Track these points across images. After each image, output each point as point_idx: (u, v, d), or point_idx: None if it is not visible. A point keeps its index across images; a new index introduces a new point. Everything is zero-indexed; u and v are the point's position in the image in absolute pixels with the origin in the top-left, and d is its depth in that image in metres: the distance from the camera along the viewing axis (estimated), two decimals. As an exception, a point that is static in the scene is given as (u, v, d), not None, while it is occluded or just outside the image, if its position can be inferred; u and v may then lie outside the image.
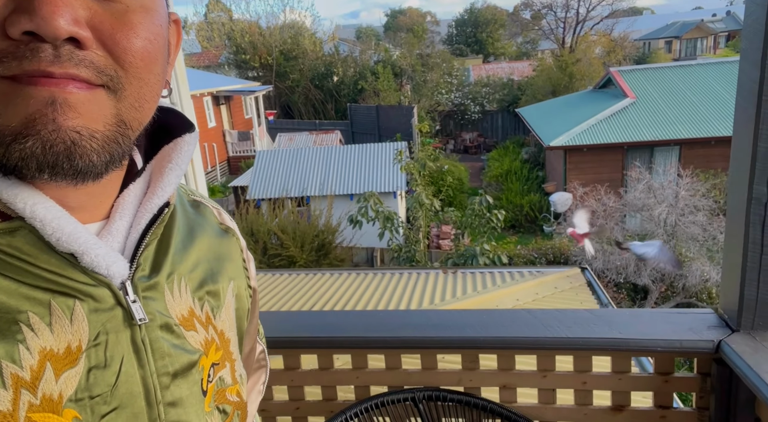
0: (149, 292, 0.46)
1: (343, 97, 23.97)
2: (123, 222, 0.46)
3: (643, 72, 13.77)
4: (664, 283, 6.55)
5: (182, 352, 0.47)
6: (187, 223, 0.54)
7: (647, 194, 6.79)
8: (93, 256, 0.42)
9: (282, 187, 10.20)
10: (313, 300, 3.91)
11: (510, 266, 5.94)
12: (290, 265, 7.61)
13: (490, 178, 15.30)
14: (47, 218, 0.40)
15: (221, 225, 0.60)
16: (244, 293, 0.60)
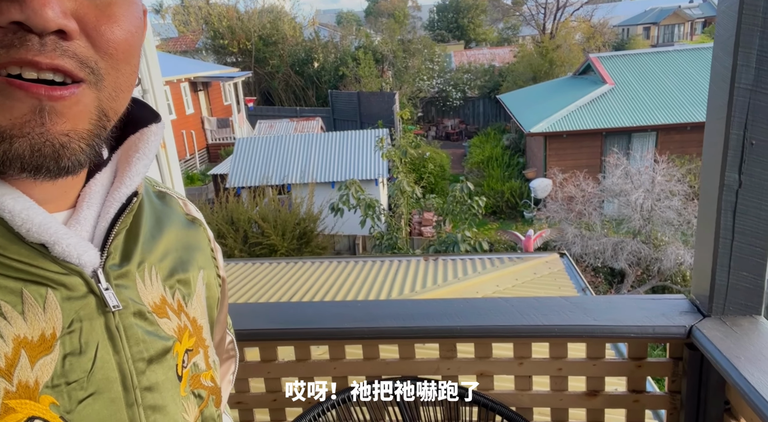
0: (121, 280, 0.47)
1: (324, 84, 23.72)
2: (90, 212, 0.46)
3: (622, 58, 13.89)
4: (640, 267, 6.68)
5: (156, 339, 0.48)
6: (154, 214, 0.54)
7: (624, 180, 6.89)
8: (64, 246, 0.42)
9: (262, 174, 10.09)
10: (293, 289, 3.89)
11: (490, 252, 5.99)
12: (271, 254, 7.56)
13: (471, 165, 15.36)
14: (16, 209, 0.40)
15: (187, 216, 0.61)
16: (213, 282, 0.61)
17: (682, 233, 6.45)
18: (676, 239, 6.41)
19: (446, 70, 24.14)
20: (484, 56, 29.95)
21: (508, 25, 40.46)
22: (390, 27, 27.09)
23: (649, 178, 6.57)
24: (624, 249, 6.40)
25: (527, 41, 30.10)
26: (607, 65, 13.45)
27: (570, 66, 18.63)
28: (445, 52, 27.31)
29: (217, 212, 7.78)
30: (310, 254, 7.96)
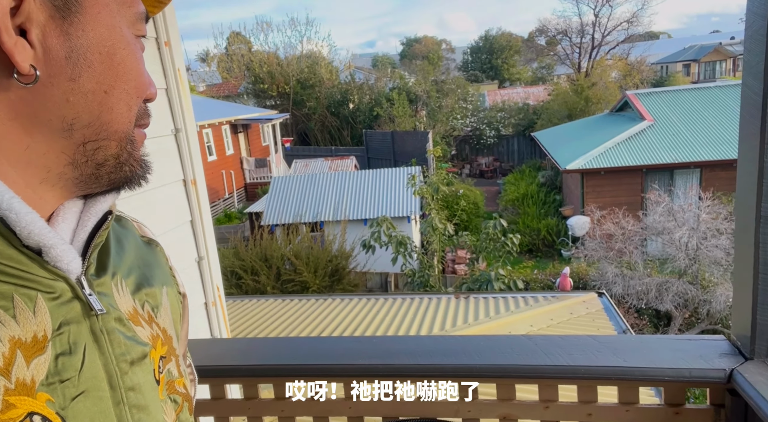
0: (100, 288, 0.50)
1: (358, 124, 24.26)
2: (67, 225, 0.49)
3: (661, 95, 13.65)
4: (688, 309, 6.30)
5: (135, 343, 0.51)
6: (114, 233, 0.58)
7: (667, 217, 6.61)
8: (59, 251, 0.44)
9: (296, 212, 10.24)
10: (322, 326, 3.85)
11: (525, 291, 5.80)
12: (303, 291, 7.57)
13: (506, 202, 15.18)
14: (22, 212, 0.42)
15: (143, 238, 0.64)
16: (175, 299, 0.65)
17: (732, 273, 6.07)
18: (725, 280, 6.04)
19: (480, 108, 24.32)
20: (518, 95, 30.08)
21: (542, 64, 40.67)
22: (424, 68, 27.71)
23: (694, 215, 6.28)
24: (669, 290, 6.06)
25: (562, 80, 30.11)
26: (645, 102, 13.24)
27: (606, 103, 18.44)
28: (478, 92, 27.60)
29: (251, 249, 7.90)
30: (342, 291, 7.93)
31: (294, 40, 29.25)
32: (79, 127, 0.45)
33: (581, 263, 8.73)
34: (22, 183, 0.44)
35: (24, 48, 0.41)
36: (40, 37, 0.42)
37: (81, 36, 0.43)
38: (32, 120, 0.43)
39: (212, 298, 2.42)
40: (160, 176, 2.13)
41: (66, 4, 0.42)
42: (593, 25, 32.19)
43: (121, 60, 0.46)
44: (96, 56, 0.45)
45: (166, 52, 2.19)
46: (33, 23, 0.41)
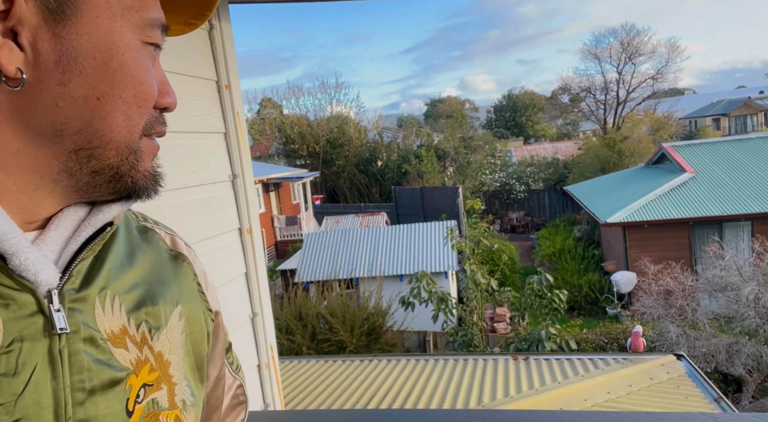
0: (77, 304, 0.46)
1: (387, 181, 24.45)
2: (58, 233, 0.47)
3: (699, 146, 13.34)
4: (762, 373, 5.69)
5: (105, 368, 0.46)
6: (129, 246, 0.55)
7: (729, 272, 6.14)
8: (22, 259, 0.41)
9: (330, 268, 10.04)
10: (368, 393, 3.52)
11: (588, 352, 5.34)
12: (339, 351, 7.21)
13: (542, 257, 14.69)
14: None
15: (171, 252, 0.61)
16: (201, 317, 0.60)
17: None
18: (805, 341, 5.47)
19: (508, 164, 24.30)
20: (546, 150, 30.10)
21: (567, 121, 40.98)
22: (450, 125, 28.15)
23: (762, 269, 5.81)
24: (741, 352, 5.51)
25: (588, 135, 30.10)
26: (684, 154, 12.93)
27: (640, 157, 18.16)
28: (505, 148, 27.73)
29: (285, 307, 7.67)
30: (380, 351, 7.53)
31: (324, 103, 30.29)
32: (69, 133, 0.44)
33: (633, 321, 8.16)
34: (15, 188, 0.43)
35: (11, 51, 0.40)
36: (30, 39, 0.41)
37: (74, 40, 0.42)
38: (21, 124, 0.42)
39: (265, 359, 2.18)
40: (218, 224, 1.98)
41: (60, 8, 0.41)
42: (617, 82, 32.59)
43: (118, 66, 0.44)
44: (89, 61, 0.43)
45: (226, 95, 2.10)
46: (24, 26, 0.40)
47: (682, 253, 10.84)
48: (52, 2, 0.41)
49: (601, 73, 33.39)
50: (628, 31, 32.85)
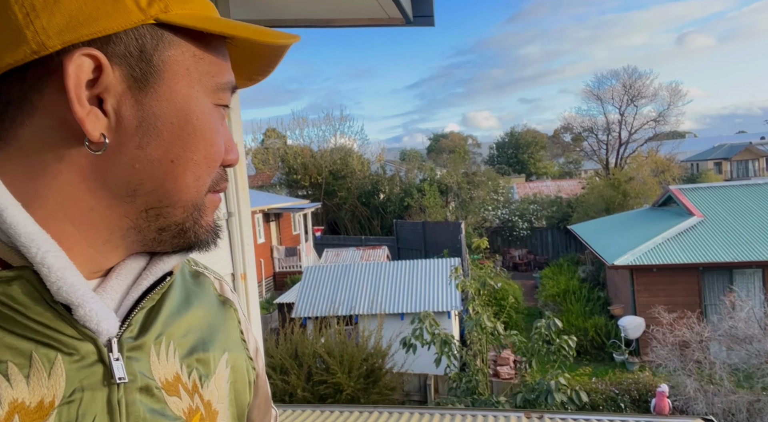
0: (134, 352, 0.46)
1: (389, 214, 24.26)
2: (119, 282, 0.47)
3: (707, 190, 13.20)
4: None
5: (160, 417, 0.47)
6: (184, 291, 0.56)
7: (748, 324, 5.85)
8: (87, 310, 0.42)
9: (329, 304, 9.72)
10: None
11: (607, 413, 5.00)
12: (336, 394, 6.84)
13: (545, 298, 14.33)
14: (55, 266, 0.41)
15: (220, 297, 0.62)
16: (244, 365, 0.60)
17: (841, 394, 5.18)
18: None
19: (511, 200, 24.19)
20: (548, 188, 30.08)
21: (569, 159, 41.22)
22: (453, 160, 28.20)
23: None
24: (763, 411, 5.16)
25: (591, 175, 30.16)
26: (692, 197, 12.77)
27: (645, 198, 18.03)
28: (508, 184, 27.69)
29: (281, 345, 7.32)
30: (378, 395, 7.15)
31: (327, 134, 30.45)
32: (142, 193, 0.45)
33: (643, 370, 7.80)
34: (85, 242, 0.45)
35: (97, 117, 0.42)
36: (115, 106, 0.42)
37: (154, 106, 0.44)
38: (98, 184, 0.44)
39: None
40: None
41: (144, 76, 0.43)
42: (619, 123, 32.90)
43: (192, 130, 0.46)
44: (167, 125, 0.44)
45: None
46: (110, 93, 0.42)
47: (692, 299, 10.53)
48: (137, 71, 0.43)
49: (603, 113, 33.78)
50: (630, 73, 33.41)
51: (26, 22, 0.39)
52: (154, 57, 0.43)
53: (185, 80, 0.45)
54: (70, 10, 0.40)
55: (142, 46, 0.43)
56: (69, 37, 0.40)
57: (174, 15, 0.43)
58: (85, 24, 0.40)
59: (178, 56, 0.44)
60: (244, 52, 0.50)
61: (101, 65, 0.41)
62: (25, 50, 0.39)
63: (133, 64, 0.42)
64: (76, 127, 0.41)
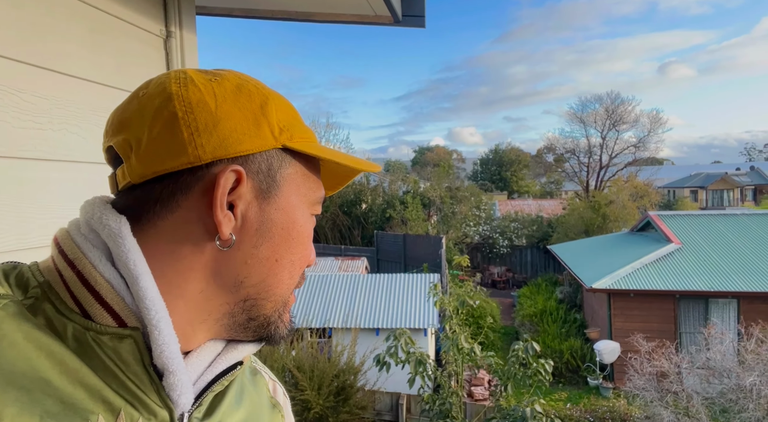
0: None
1: (370, 224, 24.05)
2: (199, 362, 0.51)
3: (686, 218, 13.32)
4: (764, 474, 5.23)
5: None
6: (240, 385, 0.59)
7: (725, 357, 5.77)
8: (177, 378, 0.46)
9: (303, 315, 9.44)
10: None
11: None
12: (304, 411, 6.56)
13: (522, 317, 14.24)
14: (165, 331, 0.46)
15: (272, 400, 0.66)
16: None
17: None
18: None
19: (492, 217, 24.21)
20: (530, 207, 30.27)
21: (551, 179, 41.69)
22: (437, 174, 28.17)
23: (762, 357, 5.45)
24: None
25: (572, 196, 30.48)
26: (670, 224, 12.86)
27: (624, 222, 18.18)
28: (490, 201, 27.75)
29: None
30: (348, 414, 6.89)
31: (313, 140, 30.16)
32: (247, 285, 0.51)
33: (621, 399, 7.69)
34: (186, 319, 0.50)
35: (230, 220, 0.50)
36: (243, 211, 0.51)
37: (272, 213, 0.52)
38: (213, 272, 0.50)
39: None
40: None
41: (269, 188, 0.52)
42: (600, 146, 33.42)
43: (296, 235, 0.53)
44: (278, 230, 0.52)
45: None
46: (241, 200, 0.50)
47: (668, 326, 10.53)
48: (264, 184, 0.51)
49: (585, 136, 34.29)
50: (612, 99, 34.03)
51: (190, 139, 0.48)
52: (278, 174, 0.52)
53: (296, 194, 0.54)
54: (224, 133, 0.49)
55: (270, 164, 0.52)
56: (219, 154, 0.49)
57: (296, 143, 0.53)
58: (233, 145, 0.49)
59: (294, 174, 0.54)
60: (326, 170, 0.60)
61: (241, 178, 0.50)
62: (183, 160, 0.48)
63: (261, 179, 0.51)
64: (211, 225, 0.49)
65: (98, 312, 0.46)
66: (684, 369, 5.96)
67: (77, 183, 1.32)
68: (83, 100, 1.38)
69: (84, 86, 1.30)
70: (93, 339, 0.45)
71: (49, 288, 0.47)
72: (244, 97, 0.51)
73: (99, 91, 1.33)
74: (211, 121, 0.48)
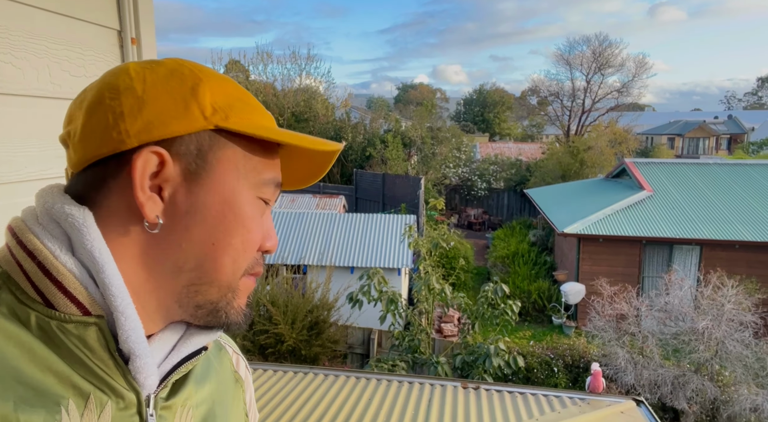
0: (164, 412, 0.52)
1: (350, 162, 23.83)
2: (161, 346, 0.52)
3: (660, 166, 13.51)
4: (704, 409, 5.67)
5: None
6: (206, 360, 0.61)
7: (683, 302, 6.06)
8: (143, 362, 0.48)
9: (278, 252, 9.49)
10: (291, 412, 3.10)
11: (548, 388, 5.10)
12: (277, 344, 6.75)
13: (495, 258, 14.63)
14: (132, 317, 0.48)
15: (235, 374, 0.67)
16: None
17: (756, 374, 5.51)
18: (747, 379, 5.45)
19: (472, 159, 24.20)
20: (510, 150, 30.30)
21: (533, 122, 41.53)
22: (419, 114, 27.71)
23: (717, 303, 5.75)
24: (686, 386, 5.44)
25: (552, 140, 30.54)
26: (644, 171, 13.05)
27: (600, 168, 18.38)
28: (471, 143, 27.63)
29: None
30: (320, 347, 7.12)
31: (293, 73, 28.97)
32: (186, 270, 0.51)
33: (581, 338, 8.10)
34: (140, 307, 0.50)
35: (155, 203, 0.50)
36: (171, 193, 0.50)
37: (203, 194, 0.51)
38: (153, 259, 0.50)
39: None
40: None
41: (198, 169, 0.51)
42: (584, 90, 33.14)
43: (233, 218, 0.52)
44: (212, 213, 0.51)
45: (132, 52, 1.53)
46: (169, 183, 0.50)
47: (632, 270, 10.96)
48: (194, 165, 0.51)
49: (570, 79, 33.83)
50: (600, 41, 33.31)
51: (114, 124, 0.49)
52: (209, 155, 0.51)
53: (233, 174, 0.52)
54: (150, 116, 0.49)
55: (200, 146, 0.51)
56: (144, 138, 0.49)
57: (232, 123, 0.51)
58: (159, 128, 0.49)
59: (231, 155, 0.52)
60: (301, 158, 0.59)
61: (164, 161, 0.49)
62: (109, 146, 0.49)
63: (190, 161, 0.50)
64: (136, 210, 0.49)
65: (62, 301, 0.47)
66: (642, 312, 6.26)
67: (12, 118, 1.21)
68: (18, 26, 1.24)
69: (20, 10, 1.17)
70: (57, 327, 0.46)
71: (8, 279, 0.47)
72: (175, 81, 0.51)
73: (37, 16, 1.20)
74: (136, 105, 0.49)
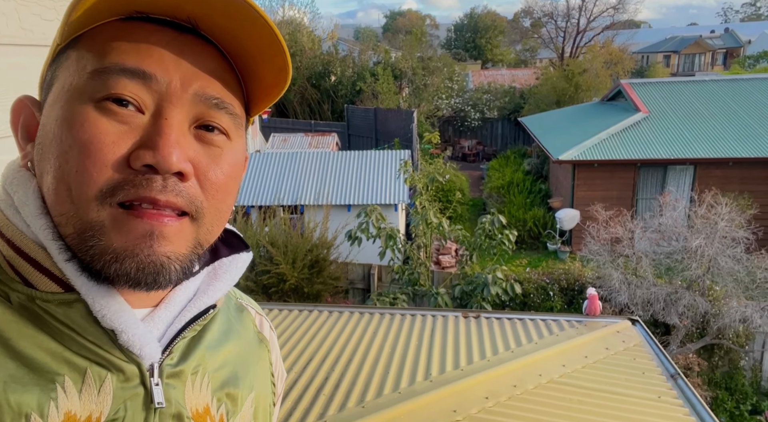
0: (172, 380, 0.49)
1: (340, 98, 23.24)
2: (167, 313, 0.50)
3: (656, 85, 13.23)
4: (695, 323, 5.92)
5: None
6: (226, 323, 0.58)
7: (677, 222, 6.15)
8: (130, 335, 0.45)
9: (275, 193, 9.46)
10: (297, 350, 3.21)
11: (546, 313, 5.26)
12: (280, 283, 6.89)
13: (490, 189, 14.68)
14: (98, 296, 0.45)
15: (258, 335, 0.65)
16: (267, 410, 0.62)
17: (746, 287, 5.71)
18: (738, 292, 5.66)
19: (465, 89, 23.63)
20: (503, 77, 29.51)
21: (526, 46, 40.16)
22: (409, 43, 26.68)
23: (711, 222, 5.84)
24: (678, 303, 5.65)
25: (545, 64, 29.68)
26: (640, 92, 12.80)
27: (596, 91, 18.01)
28: (463, 71, 26.84)
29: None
30: (322, 284, 7.29)
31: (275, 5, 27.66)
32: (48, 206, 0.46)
33: (576, 262, 8.30)
34: None
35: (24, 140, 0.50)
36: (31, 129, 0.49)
37: (44, 121, 0.46)
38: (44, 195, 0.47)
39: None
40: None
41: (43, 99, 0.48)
42: (579, 9, 31.75)
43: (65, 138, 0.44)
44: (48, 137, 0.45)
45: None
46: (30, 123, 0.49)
47: (626, 193, 11.03)
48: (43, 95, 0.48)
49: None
50: (598, -48, 31.53)
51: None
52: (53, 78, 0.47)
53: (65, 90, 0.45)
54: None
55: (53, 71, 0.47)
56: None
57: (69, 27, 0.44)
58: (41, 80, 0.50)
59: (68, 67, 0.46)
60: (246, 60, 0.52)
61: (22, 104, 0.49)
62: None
63: (43, 92, 0.48)
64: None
65: (41, 280, 0.45)
66: (636, 234, 6.36)
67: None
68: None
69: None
70: (41, 306, 0.44)
71: None
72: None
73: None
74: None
